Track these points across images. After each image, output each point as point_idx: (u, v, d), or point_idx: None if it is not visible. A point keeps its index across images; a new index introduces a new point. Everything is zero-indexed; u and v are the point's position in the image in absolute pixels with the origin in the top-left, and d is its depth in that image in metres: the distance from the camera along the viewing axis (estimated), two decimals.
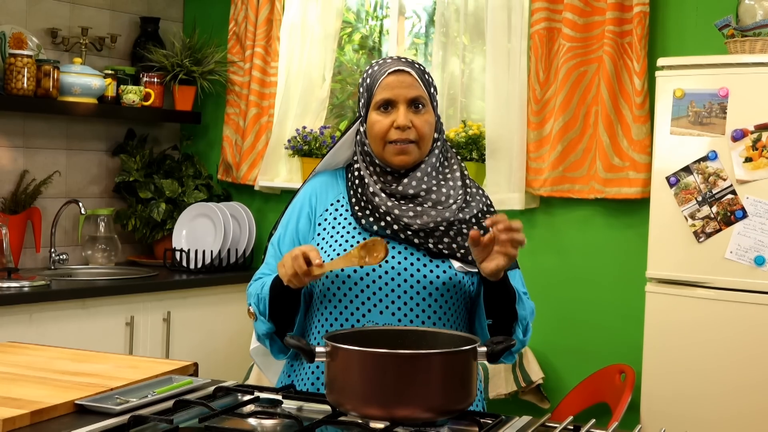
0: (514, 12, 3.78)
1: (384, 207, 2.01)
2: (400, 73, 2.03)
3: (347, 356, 1.65)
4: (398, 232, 2.00)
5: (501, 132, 3.80)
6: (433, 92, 2.09)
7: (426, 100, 2.04)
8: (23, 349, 2.23)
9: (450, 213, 2.01)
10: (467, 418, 1.71)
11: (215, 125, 4.71)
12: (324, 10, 4.31)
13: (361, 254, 1.85)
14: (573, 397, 3.58)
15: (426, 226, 1.99)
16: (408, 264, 1.99)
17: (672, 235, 3.07)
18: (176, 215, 4.38)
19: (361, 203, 2.05)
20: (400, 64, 2.05)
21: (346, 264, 1.87)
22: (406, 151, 2.02)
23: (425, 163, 2.06)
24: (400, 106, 2.02)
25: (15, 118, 4.07)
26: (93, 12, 4.39)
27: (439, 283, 1.99)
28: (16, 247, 3.93)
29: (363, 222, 2.03)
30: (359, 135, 2.13)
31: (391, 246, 2.00)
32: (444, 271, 1.99)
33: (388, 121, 2.03)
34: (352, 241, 2.02)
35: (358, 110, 2.13)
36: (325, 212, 2.10)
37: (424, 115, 2.04)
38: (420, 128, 2.02)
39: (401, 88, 2.02)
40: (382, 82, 2.03)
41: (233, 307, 4.21)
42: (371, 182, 2.05)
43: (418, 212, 2.00)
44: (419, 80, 2.04)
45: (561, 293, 3.75)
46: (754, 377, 2.92)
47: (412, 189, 2.03)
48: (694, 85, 3.03)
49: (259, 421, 1.71)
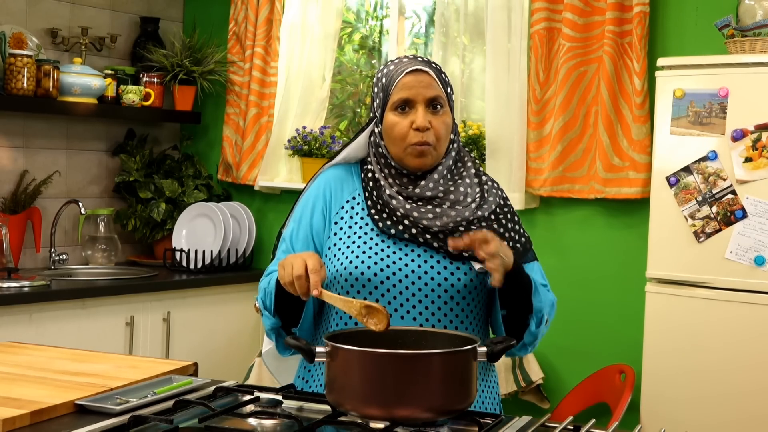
0: (514, 12, 3.78)
1: (402, 210, 1.97)
2: (418, 72, 1.98)
3: (347, 356, 1.65)
4: (417, 236, 1.96)
5: (501, 132, 3.80)
6: (450, 92, 2.04)
7: (444, 100, 2.00)
8: (23, 349, 2.22)
9: (469, 212, 1.98)
10: (467, 418, 1.71)
11: (215, 125, 4.71)
12: (324, 10, 4.31)
13: (362, 312, 1.77)
14: (573, 397, 3.58)
15: (446, 227, 1.96)
16: (428, 267, 1.96)
17: (672, 235, 3.07)
18: (176, 215, 4.38)
19: (377, 206, 2.01)
20: (417, 63, 2.00)
21: (345, 308, 1.80)
22: (425, 154, 1.98)
23: (442, 165, 2.02)
24: (419, 107, 1.97)
25: (15, 118, 4.07)
26: (93, 12, 4.39)
27: (460, 286, 1.96)
28: (16, 247, 3.93)
29: (380, 225, 1.99)
30: (373, 136, 2.06)
31: (410, 249, 1.98)
32: (465, 273, 1.97)
33: (407, 123, 1.97)
34: (371, 243, 1.98)
35: (372, 111, 2.07)
36: (341, 210, 2.06)
37: (442, 116, 1.99)
38: (438, 129, 1.98)
39: (420, 87, 1.97)
40: (399, 82, 1.98)
41: (233, 307, 4.21)
42: (386, 185, 2.01)
43: (438, 213, 1.97)
44: (437, 80, 2.00)
45: (561, 293, 3.71)
46: (754, 377, 2.92)
47: (429, 191, 1.99)
48: (694, 85, 3.03)
49: (259, 421, 1.71)
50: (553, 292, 2.12)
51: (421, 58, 2.04)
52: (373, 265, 1.95)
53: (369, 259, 1.96)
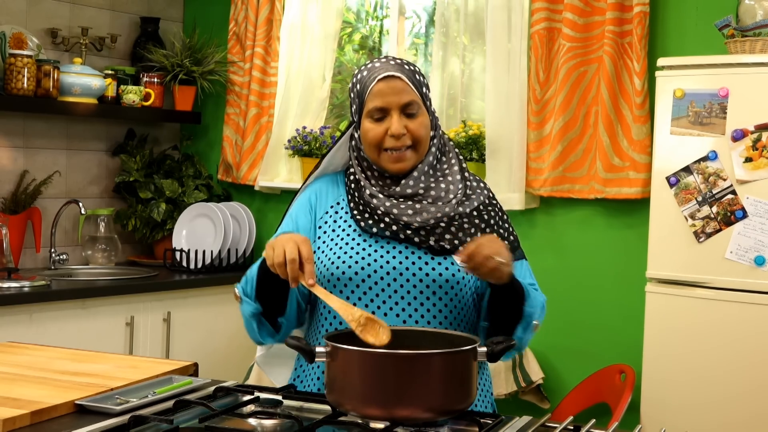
0: (514, 12, 3.77)
1: (382, 208, 1.99)
2: (390, 79, 1.98)
3: (347, 356, 1.65)
4: (398, 232, 1.98)
5: (501, 132, 3.80)
6: (426, 91, 2.04)
7: (419, 103, 2.00)
8: (23, 349, 2.23)
9: (450, 208, 1.99)
10: (467, 418, 1.71)
11: (215, 125, 4.71)
12: (324, 10, 4.31)
13: (360, 321, 1.74)
14: (573, 397, 3.58)
15: (426, 223, 1.97)
16: (409, 263, 1.97)
17: (672, 235, 3.07)
18: (176, 215, 4.38)
19: (359, 207, 2.03)
20: (389, 68, 2.00)
21: (342, 312, 1.76)
22: (403, 159, 2.00)
23: (422, 162, 2.03)
24: (393, 114, 1.98)
25: (15, 118, 4.07)
26: (93, 12, 4.39)
27: (442, 281, 1.97)
28: (16, 247, 3.93)
29: (362, 224, 2.01)
30: (354, 140, 2.09)
31: (392, 246, 1.99)
32: (446, 268, 1.98)
33: (381, 129, 1.99)
34: (353, 243, 2.00)
35: (351, 115, 2.09)
36: (325, 215, 2.09)
37: (419, 118, 2.00)
38: (415, 132, 1.99)
39: (393, 95, 1.98)
40: (372, 90, 1.99)
41: (233, 307, 4.15)
42: (368, 185, 2.03)
43: (417, 209, 1.98)
44: (410, 83, 1.99)
45: (561, 293, 3.74)
46: (754, 377, 2.92)
47: (410, 189, 2.01)
48: (694, 85, 3.03)
49: (259, 421, 1.71)
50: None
51: (393, 60, 2.03)
52: (354, 264, 1.97)
53: (350, 258, 1.98)
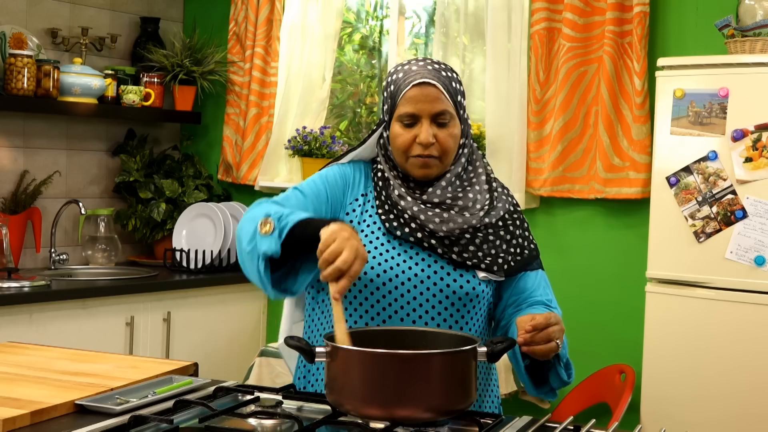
0: (514, 12, 3.78)
1: (410, 212, 1.96)
2: (424, 86, 1.94)
3: (347, 356, 1.65)
4: (422, 240, 1.95)
5: (501, 132, 3.80)
6: (460, 99, 2.00)
7: (451, 112, 1.96)
8: (23, 349, 2.22)
9: (476, 219, 1.97)
10: (467, 418, 1.71)
11: (215, 125, 4.71)
12: (324, 10, 4.31)
13: (345, 341, 1.69)
14: (573, 397, 3.58)
15: (452, 233, 1.95)
16: (431, 272, 1.95)
17: (672, 235, 3.07)
18: (176, 215, 4.37)
19: (386, 206, 2.00)
20: (425, 74, 1.94)
21: (337, 327, 1.71)
22: (429, 165, 1.97)
23: (450, 172, 2.00)
24: (424, 121, 1.94)
25: (15, 118, 4.06)
26: (93, 12, 4.39)
27: (462, 293, 1.95)
28: (16, 247, 3.93)
29: (387, 225, 1.98)
30: (382, 139, 2.05)
31: (415, 252, 1.96)
32: (468, 281, 1.96)
33: (410, 136, 1.95)
34: (377, 243, 1.97)
35: (382, 113, 2.05)
36: (353, 204, 2.04)
37: (449, 129, 1.96)
38: (444, 143, 1.95)
39: (425, 102, 1.94)
40: (405, 95, 1.95)
41: (233, 307, 4.21)
42: (396, 185, 2.00)
43: (445, 219, 1.95)
44: (445, 91, 1.95)
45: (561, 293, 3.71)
46: (754, 377, 2.92)
47: (436, 198, 1.98)
48: (694, 85, 3.03)
49: (259, 421, 1.71)
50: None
51: (431, 65, 1.99)
52: (377, 265, 1.94)
53: (373, 259, 1.95)
